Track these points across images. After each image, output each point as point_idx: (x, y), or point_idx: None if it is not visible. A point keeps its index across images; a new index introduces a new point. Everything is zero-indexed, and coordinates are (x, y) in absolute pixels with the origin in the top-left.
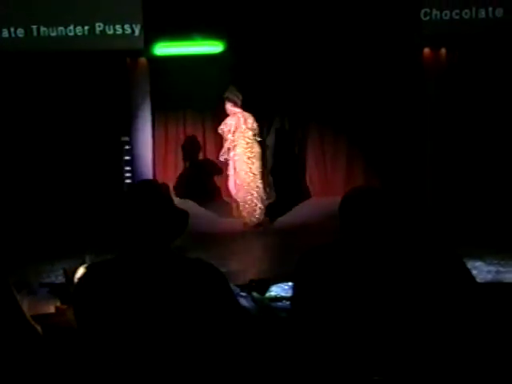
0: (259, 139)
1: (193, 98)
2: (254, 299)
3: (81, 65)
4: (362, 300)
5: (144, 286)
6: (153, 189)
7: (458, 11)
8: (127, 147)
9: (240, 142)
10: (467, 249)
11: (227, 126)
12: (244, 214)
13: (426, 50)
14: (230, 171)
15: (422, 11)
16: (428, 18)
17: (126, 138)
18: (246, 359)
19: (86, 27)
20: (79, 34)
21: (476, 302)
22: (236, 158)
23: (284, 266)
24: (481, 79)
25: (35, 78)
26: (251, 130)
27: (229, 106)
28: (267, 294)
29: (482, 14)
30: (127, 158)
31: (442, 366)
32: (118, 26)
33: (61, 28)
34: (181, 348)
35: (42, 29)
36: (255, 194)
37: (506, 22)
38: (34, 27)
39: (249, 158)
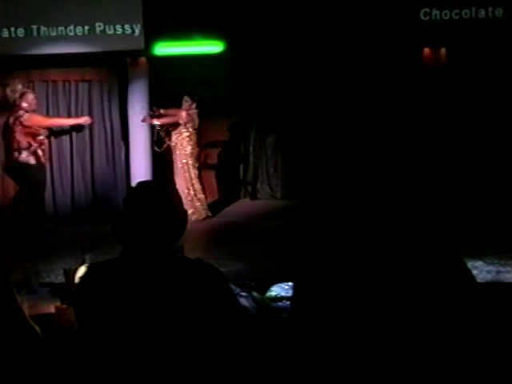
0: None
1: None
2: (254, 299)
3: (80, 64)
4: (362, 300)
5: (144, 285)
6: (153, 190)
7: (457, 11)
8: (126, 147)
9: (187, 138)
10: (467, 249)
11: (184, 119)
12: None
13: (426, 50)
14: (177, 165)
15: (422, 11)
16: (428, 17)
17: (126, 138)
18: (246, 359)
19: (86, 27)
20: (79, 33)
21: (476, 302)
22: (181, 151)
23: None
24: (481, 79)
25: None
26: (196, 130)
27: (188, 104)
28: (267, 294)
29: (482, 13)
30: (126, 158)
31: (442, 366)
32: (118, 26)
33: (61, 28)
34: (181, 348)
35: (42, 29)
36: (191, 189)
37: (505, 22)
38: (34, 27)
39: (191, 153)
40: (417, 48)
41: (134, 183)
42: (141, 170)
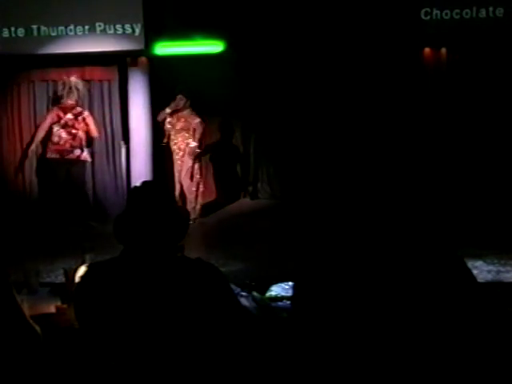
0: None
1: (192, 97)
2: (254, 299)
3: (80, 64)
4: (362, 300)
5: (145, 285)
6: (157, 189)
7: (458, 11)
8: (127, 147)
9: (181, 137)
10: (467, 249)
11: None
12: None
13: (427, 50)
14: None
15: (423, 11)
16: (428, 17)
17: (126, 138)
18: (246, 359)
19: (87, 27)
20: (79, 33)
21: (477, 301)
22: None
23: None
24: (481, 79)
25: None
26: (189, 129)
27: (181, 104)
28: (267, 294)
29: (483, 13)
30: (126, 158)
31: (442, 366)
32: (118, 26)
33: (61, 28)
34: (181, 347)
35: (43, 29)
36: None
37: (506, 21)
38: (34, 27)
39: (189, 152)
40: (417, 48)
41: (134, 183)
42: (141, 169)
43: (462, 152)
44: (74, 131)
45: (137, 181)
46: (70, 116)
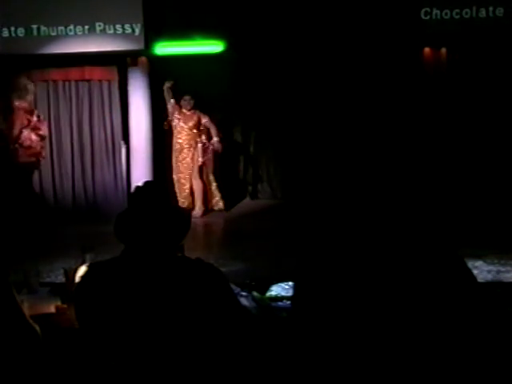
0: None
1: (192, 96)
2: (254, 299)
3: (80, 64)
4: (362, 300)
5: (145, 285)
6: (159, 189)
7: (458, 11)
8: (127, 147)
9: (186, 135)
10: (467, 249)
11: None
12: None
13: (427, 50)
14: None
15: (423, 11)
16: (428, 17)
17: (126, 138)
18: (246, 359)
19: (86, 27)
20: (79, 33)
21: (477, 301)
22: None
23: None
24: (481, 79)
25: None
26: (194, 128)
27: (186, 104)
28: (267, 294)
29: (483, 13)
30: (126, 158)
31: (442, 366)
32: (118, 26)
33: (61, 28)
34: (181, 347)
35: (42, 28)
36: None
37: (506, 21)
38: (34, 27)
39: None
40: (417, 48)
41: (134, 183)
42: (141, 170)
43: (463, 152)
44: (40, 132)
45: (137, 181)
46: (35, 118)
